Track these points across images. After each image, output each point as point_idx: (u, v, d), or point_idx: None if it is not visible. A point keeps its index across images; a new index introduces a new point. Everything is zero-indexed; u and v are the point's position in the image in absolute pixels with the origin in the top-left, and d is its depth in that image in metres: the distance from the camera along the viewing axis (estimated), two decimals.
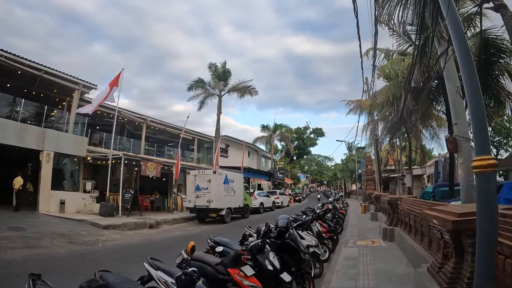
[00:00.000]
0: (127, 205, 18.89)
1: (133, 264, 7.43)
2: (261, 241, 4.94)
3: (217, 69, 34.11)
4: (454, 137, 7.34)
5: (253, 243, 4.95)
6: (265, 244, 4.95)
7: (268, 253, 4.89)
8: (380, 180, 25.90)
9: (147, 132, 29.06)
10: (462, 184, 7.22)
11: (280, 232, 5.76)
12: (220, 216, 18.93)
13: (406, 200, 9.19)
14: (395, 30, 14.06)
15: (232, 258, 4.24)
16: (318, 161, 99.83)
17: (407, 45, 14.26)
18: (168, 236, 13.90)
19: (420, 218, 6.88)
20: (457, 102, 7.76)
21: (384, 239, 10.30)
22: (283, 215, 6.20)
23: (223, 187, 19.48)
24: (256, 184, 41.08)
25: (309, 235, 7.66)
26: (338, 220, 13.85)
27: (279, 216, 6.15)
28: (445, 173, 15.39)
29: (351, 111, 22.57)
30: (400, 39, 14.19)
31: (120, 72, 19.86)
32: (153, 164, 22.58)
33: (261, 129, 48.79)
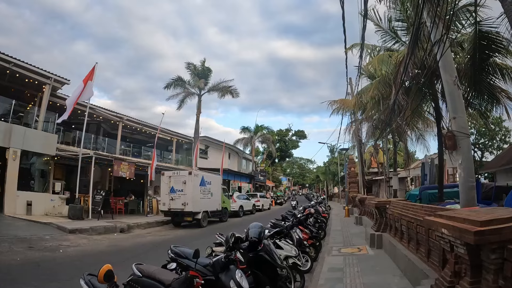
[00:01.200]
0: (98, 207, 17.80)
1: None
2: (225, 257, 3.94)
3: (196, 68, 33.09)
4: (452, 133, 6.48)
5: (215, 259, 3.99)
6: (229, 260, 3.94)
7: (234, 272, 3.89)
8: (364, 183, 25.20)
9: (125, 132, 28.16)
10: (462, 185, 6.37)
11: (252, 244, 4.76)
12: (196, 220, 17.93)
13: (395, 203, 8.30)
14: (381, 26, 13.40)
15: (183, 282, 3.20)
16: (300, 163, 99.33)
17: (393, 41, 13.59)
18: (138, 241, 13.08)
19: (415, 224, 5.97)
20: (455, 94, 6.93)
21: (372, 246, 9.38)
22: (255, 223, 5.18)
23: (199, 189, 18.42)
24: (237, 187, 40.15)
25: (288, 244, 6.66)
26: (321, 224, 12.96)
27: (250, 225, 5.14)
28: (432, 175, 14.78)
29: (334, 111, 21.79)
30: (386, 35, 13.51)
31: (94, 66, 18.72)
32: (126, 164, 21.42)
33: (241, 131, 47.71)
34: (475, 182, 6.43)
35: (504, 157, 19.39)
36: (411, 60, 8.89)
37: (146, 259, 7.90)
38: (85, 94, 17.97)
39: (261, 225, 5.11)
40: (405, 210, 6.86)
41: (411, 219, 6.23)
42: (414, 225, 6.05)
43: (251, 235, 4.80)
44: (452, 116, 6.79)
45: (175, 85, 32.39)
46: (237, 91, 34.14)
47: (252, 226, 5.02)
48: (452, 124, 6.75)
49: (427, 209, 5.57)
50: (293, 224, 8.29)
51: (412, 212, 6.33)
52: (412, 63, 8.97)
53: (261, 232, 4.88)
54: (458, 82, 7.19)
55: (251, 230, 4.92)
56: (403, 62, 9.42)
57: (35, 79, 18.05)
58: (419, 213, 5.89)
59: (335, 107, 20.87)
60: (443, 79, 7.24)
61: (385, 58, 13.10)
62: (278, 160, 72.32)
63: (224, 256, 4.00)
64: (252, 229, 4.93)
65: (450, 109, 6.92)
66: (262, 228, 5.01)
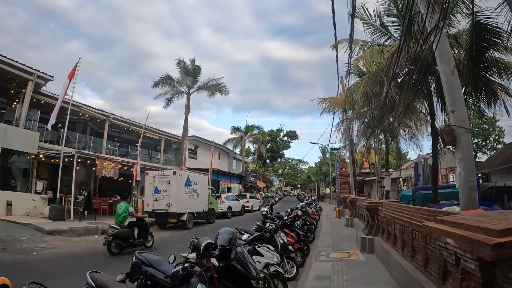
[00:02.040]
0: (80, 208, 17.14)
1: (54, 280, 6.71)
2: (183, 268, 3.26)
3: (185, 65, 32.40)
4: (451, 127, 5.85)
5: (174, 271, 3.32)
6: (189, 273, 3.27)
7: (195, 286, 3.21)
8: (355, 183, 24.64)
9: (112, 131, 27.57)
10: (462, 185, 5.75)
11: (223, 252, 4.08)
12: (181, 221, 17.24)
13: (388, 205, 7.66)
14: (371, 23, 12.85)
15: None
16: (292, 164, 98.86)
17: (385, 37, 13.04)
18: None
19: (410, 229, 5.34)
20: (453, 85, 6.33)
21: (363, 251, 8.74)
22: (226, 229, 4.47)
23: (185, 189, 17.71)
24: (226, 187, 39.42)
25: (269, 251, 5.98)
26: (309, 227, 12.30)
27: (220, 230, 4.43)
28: (425, 176, 14.25)
29: (325, 110, 21.20)
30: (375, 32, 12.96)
31: (77, 62, 18.05)
32: (110, 163, 20.63)
33: (232, 131, 46.96)
34: (476, 182, 5.81)
35: (498, 157, 18.93)
36: (404, 51, 8.30)
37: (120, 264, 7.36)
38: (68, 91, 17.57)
39: (232, 230, 4.40)
40: (399, 213, 6.22)
41: (406, 223, 5.60)
42: (409, 229, 5.42)
43: (219, 242, 4.11)
44: (450, 109, 6.19)
45: (163, 83, 31.76)
46: (227, 89, 33.67)
47: (221, 231, 4.32)
48: (451, 118, 6.15)
49: (425, 212, 4.94)
50: (277, 228, 7.62)
51: (407, 215, 5.70)
52: (405, 54, 8.37)
53: (231, 239, 4.18)
54: (457, 73, 6.60)
55: (220, 236, 4.23)
56: (395, 53, 8.81)
57: (18, 75, 17.40)
58: (415, 217, 5.26)
59: (326, 105, 20.31)
60: (440, 69, 6.65)
61: (377, 52, 12.53)
62: (270, 161, 71.77)
63: (181, 268, 3.33)
64: (221, 235, 4.24)
65: (448, 102, 6.31)
66: (233, 234, 4.31)
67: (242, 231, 8.26)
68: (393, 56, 8.99)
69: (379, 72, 12.06)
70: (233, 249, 4.15)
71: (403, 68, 8.69)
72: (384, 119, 12.19)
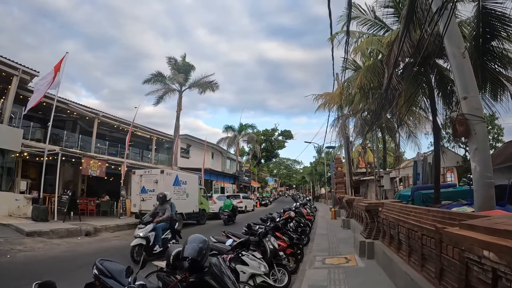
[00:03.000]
0: (64, 208, 16.34)
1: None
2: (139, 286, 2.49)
3: (176, 62, 31.71)
4: (464, 116, 5.09)
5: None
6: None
7: None
8: (351, 183, 23.91)
9: (103, 130, 26.82)
10: (477, 182, 4.99)
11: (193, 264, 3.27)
12: None
13: (390, 206, 6.89)
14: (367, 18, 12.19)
15: None
16: (287, 164, 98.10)
17: (383, 30, 12.35)
18: (100, 246, 11.95)
19: (419, 233, 4.56)
20: (465, 68, 5.57)
21: (362, 256, 7.94)
22: (196, 236, 3.57)
23: (173, 189, 16.81)
24: (219, 187, 38.62)
25: (255, 259, 5.18)
26: (304, 229, 11.55)
27: (189, 237, 3.57)
28: (425, 174, 13.55)
29: (320, 107, 20.50)
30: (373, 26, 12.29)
31: (64, 56, 17.37)
32: (97, 162, 19.70)
33: (225, 130, 46.07)
34: (493, 178, 5.05)
35: (499, 156, 18.22)
36: (406, 37, 7.54)
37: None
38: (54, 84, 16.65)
39: (203, 239, 3.54)
40: (404, 215, 5.45)
41: (413, 227, 4.83)
42: (417, 234, 4.64)
43: (186, 254, 3.25)
44: (462, 95, 5.43)
45: (154, 81, 31.17)
46: (218, 85, 33.11)
47: (190, 239, 3.46)
48: (463, 106, 5.39)
49: (437, 215, 4.18)
50: (267, 231, 6.82)
51: (414, 217, 4.93)
52: (407, 39, 7.61)
53: (202, 249, 3.32)
54: (467, 55, 5.85)
55: (187, 245, 3.37)
56: (396, 40, 8.07)
57: (2, 70, 16.72)
58: (424, 219, 4.50)
59: (321, 102, 19.60)
60: (449, 52, 5.89)
61: (376, 41, 11.81)
62: (265, 161, 71.11)
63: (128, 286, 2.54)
64: (189, 244, 3.39)
65: (459, 87, 5.56)
66: (204, 243, 3.45)
67: (229, 234, 7.48)
68: (394, 43, 8.25)
69: (377, 63, 11.32)
70: (204, 261, 3.33)
71: (405, 56, 7.91)
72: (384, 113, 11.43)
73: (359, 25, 12.55)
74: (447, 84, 11.39)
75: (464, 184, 17.43)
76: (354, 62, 16.74)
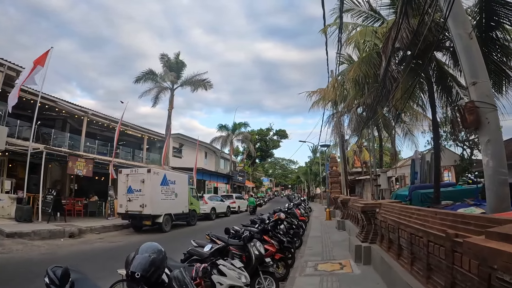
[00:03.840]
0: (48, 208, 15.80)
1: None
2: None
3: (169, 60, 31.07)
4: (474, 104, 4.43)
5: None
6: None
7: None
8: (347, 183, 23.27)
9: (94, 129, 26.32)
10: (490, 178, 4.34)
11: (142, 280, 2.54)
12: (157, 224, 15.75)
13: (389, 207, 6.21)
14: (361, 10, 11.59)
15: None
16: (282, 164, 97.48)
17: (378, 22, 11.73)
18: (82, 249, 11.35)
19: (425, 240, 3.90)
20: (473, 50, 4.94)
21: (357, 261, 7.25)
22: (148, 245, 2.78)
23: (161, 189, 16.18)
24: (212, 187, 37.97)
25: (235, 268, 4.47)
26: (296, 231, 10.87)
27: (140, 247, 2.80)
28: (423, 173, 13.01)
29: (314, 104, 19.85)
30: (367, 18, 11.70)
31: (48, 50, 16.78)
32: (83, 161, 18.97)
33: (219, 129, 45.33)
34: (508, 175, 4.38)
35: None
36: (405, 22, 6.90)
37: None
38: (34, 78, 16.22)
39: (158, 249, 2.75)
40: (405, 217, 4.78)
41: (417, 232, 4.16)
42: (422, 240, 3.98)
43: (133, 268, 2.52)
44: (471, 81, 4.78)
45: (145, 79, 30.71)
46: (211, 84, 32.72)
47: (141, 249, 2.69)
48: (471, 92, 4.74)
49: (447, 218, 3.50)
50: (252, 235, 6.13)
51: (418, 220, 4.26)
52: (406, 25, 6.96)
53: (154, 262, 2.58)
54: (475, 36, 5.21)
55: (136, 257, 2.62)
56: (394, 26, 7.41)
57: None
58: (431, 223, 3.83)
59: (316, 99, 18.96)
60: (455, 34, 5.25)
61: (370, 32, 11.18)
62: (260, 160, 70.40)
63: None
64: (140, 255, 2.64)
65: (467, 72, 4.91)
66: (158, 254, 2.67)
67: (213, 237, 6.78)
68: (391, 29, 7.59)
69: (372, 54, 10.66)
70: (156, 276, 2.60)
71: (403, 42, 7.25)
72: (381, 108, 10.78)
73: (354, 17, 11.97)
74: (447, 78, 10.84)
75: (463, 183, 16.87)
76: (349, 58, 16.14)
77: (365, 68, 10.58)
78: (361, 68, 10.62)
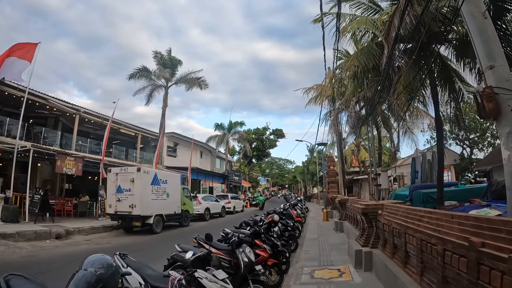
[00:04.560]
0: (35, 209, 15.28)
1: None
2: None
3: (163, 57, 30.47)
4: (492, 90, 3.85)
5: None
6: None
7: None
8: (344, 183, 22.71)
9: (87, 128, 25.96)
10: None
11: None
12: (147, 225, 15.12)
13: (393, 209, 5.61)
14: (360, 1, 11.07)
15: None
16: (279, 164, 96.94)
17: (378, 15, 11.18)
18: (65, 251, 10.77)
19: (439, 248, 3.30)
20: (488, 31, 4.38)
21: (357, 267, 6.64)
22: (95, 258, 2.16)
23: (151, 188, 15.56)
24: (208, 187, 37.40)
25: (216, 281, 3.84)
26: (292, 233, 10.26)
27: (85, 260, 2.16)
28: (424, 172, 12.50)
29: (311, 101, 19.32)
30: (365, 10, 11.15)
31: (37, 45, 16.16)
32: (72, 159, 18.36)
33: (215, 128, 44.71)
34: None
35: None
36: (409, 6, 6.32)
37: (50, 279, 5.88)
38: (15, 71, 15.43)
39: (107, 263, 2.11)
40: (414, 221, 4.19)
41: (429, 237, 3.58)
42: (436, 249, 3.38)
43: (74, 285, 1.89)
44: (487, 65, 4.20)
45: (139, 76, 29.99)
46: (206, 83, 32.14)
47: (86, 263, 2.06)
48: (488, 77, 4.16)
49: (468, 223, 2.91)
50: (241, 240, 5.52)
51: (429, 224, 3.68)
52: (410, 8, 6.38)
53: (100, 279, 1.95)
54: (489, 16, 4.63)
55: (78, 274, 2.00)
56: (398, 10, 6.81)
57: None
58: (446, 228, 3.24)
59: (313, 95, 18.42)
60: (467, 13, 4.67)
61: (369, 22, 10.63)
62: (256, 160, 69.77)
63: None
64: (83, 270, 2.01)
65: (482, 56, 4.33)
66: (108, 270, 2.04)
67: (201, 241, 6.15)
68: (394, 15, 7.00)
69: (372, 45, 10.08)
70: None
71: (407, 28, 6.66)
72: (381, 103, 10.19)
73: (352, 9, 11.43)
74: (450, 72, 10.33)
75: (466, 182, 16.42)
76: (347, 54, 15.61)
77: (364, 59, 9.97)
78: (360, 60, 10.02)
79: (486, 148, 24.09)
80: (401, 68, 7.71)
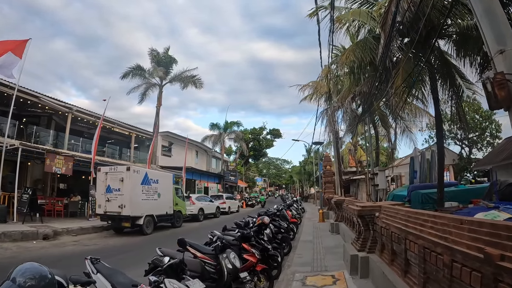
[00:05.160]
0: (24, 208, 15.11)
1: None
2: None
3: (158, 55, 29.98)
4: (504, 76, 3.39)
5: None
6: None
7: None
8: (341, 183, 22.28)
9: (82, 127, 25.64)
10: None
11: None
12: (137, 225, 14.72)
13: (391, 211, 5.13)
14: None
15: None
16: (276, 164, 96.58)
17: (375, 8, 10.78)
18: (51, 253, 10.52)
19: (447, 259, 2.84)
20: (497, 12, 3.91)
21: (353, 273, 6.16)
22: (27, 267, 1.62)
23: (141, 188, 15.12)
24: (203, 187, 36.98)
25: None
26: (285, 235, 9.75)
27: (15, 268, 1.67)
28: (423, 172, 12.15)
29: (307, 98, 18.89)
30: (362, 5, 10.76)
31: (27, 40, 15.77)
32: (62, 158, 17.98)
33: (211, 128, 44.24)
34: None
35: (501, 152, 16.89)
36: None
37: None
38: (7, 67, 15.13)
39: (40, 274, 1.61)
40: (416, 225, 3.72)
41: (434, 246, 3.11)
42: (442, 259, 2.92)
43: None
44: (496, 49, 3.74)
45: (133, 74, 29.52)
46: (201, 81, 31.69)
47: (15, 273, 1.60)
48: (498, 64, 3.69)
49: (481, 230, 2.44)
50: (225, 245, 5.05)
51: (434, 230, 3.21)
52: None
53: None
54: None
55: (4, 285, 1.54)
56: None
57: None
58: (454, 235, 2.78)
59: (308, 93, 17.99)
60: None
61: (363, 13, 10.21)
62: (253, 160, 69.37)
63: None
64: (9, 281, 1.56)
65: (490, 40, 3.86)
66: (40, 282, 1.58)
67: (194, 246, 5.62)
68: (391, 2, 6.54)
69: (368, 38, 9.66)
70: None
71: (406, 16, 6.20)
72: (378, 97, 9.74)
73: (348, 3, 11.04)
74: (451, 69, 9.93)
75: (466, 182, 16.03)
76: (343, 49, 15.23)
77: (360, 53, 9.54)
78: (356, 54, 9.58)
79: (485, 148, 23.77)
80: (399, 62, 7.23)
